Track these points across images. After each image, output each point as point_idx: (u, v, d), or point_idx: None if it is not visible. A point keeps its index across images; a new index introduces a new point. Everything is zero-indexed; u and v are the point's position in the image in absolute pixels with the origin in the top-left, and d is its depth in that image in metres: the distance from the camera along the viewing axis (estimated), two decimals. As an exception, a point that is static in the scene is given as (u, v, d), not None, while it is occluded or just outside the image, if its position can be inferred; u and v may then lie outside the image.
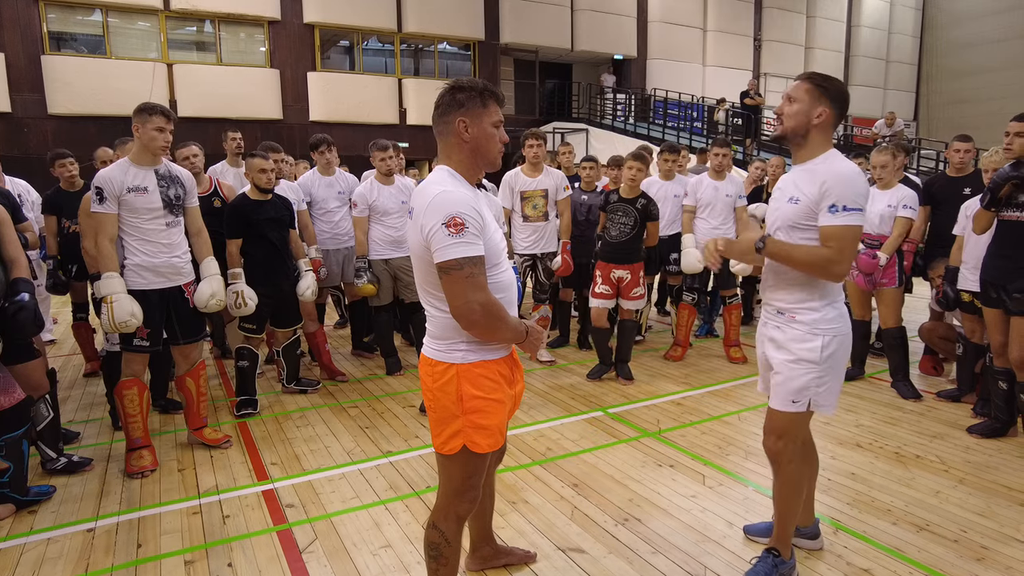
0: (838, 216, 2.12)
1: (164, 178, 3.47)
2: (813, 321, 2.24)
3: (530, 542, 2.74)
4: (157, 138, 3.36)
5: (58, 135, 11.84)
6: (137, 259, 3.42)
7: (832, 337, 2.24)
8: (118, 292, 3.27)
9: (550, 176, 5.20)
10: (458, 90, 1.93)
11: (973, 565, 2.55)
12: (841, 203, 2.11)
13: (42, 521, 2.95)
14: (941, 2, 24.30)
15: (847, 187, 2.12)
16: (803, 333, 2.25)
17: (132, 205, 3.35)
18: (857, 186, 2.14)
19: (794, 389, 2.27)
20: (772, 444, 2.38)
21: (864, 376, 4.97)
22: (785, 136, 2.28)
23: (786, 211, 2.28)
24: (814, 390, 2.26)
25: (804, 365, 2.25)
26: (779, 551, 2.41)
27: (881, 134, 15.28)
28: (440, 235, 1.79)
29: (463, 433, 1.93)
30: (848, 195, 2.12)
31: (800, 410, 2.29)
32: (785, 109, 2.26)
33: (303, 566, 2.58)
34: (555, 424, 4.10)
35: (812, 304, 2.25)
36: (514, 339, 1.97)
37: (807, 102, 2.22)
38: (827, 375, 2.26)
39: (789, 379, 2.28)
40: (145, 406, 3.50)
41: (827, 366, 2.25)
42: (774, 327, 2.37)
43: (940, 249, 4.60)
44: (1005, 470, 3.40)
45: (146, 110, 3.34)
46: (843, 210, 2.12)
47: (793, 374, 2.27)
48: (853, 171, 2.17)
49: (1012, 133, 3.47)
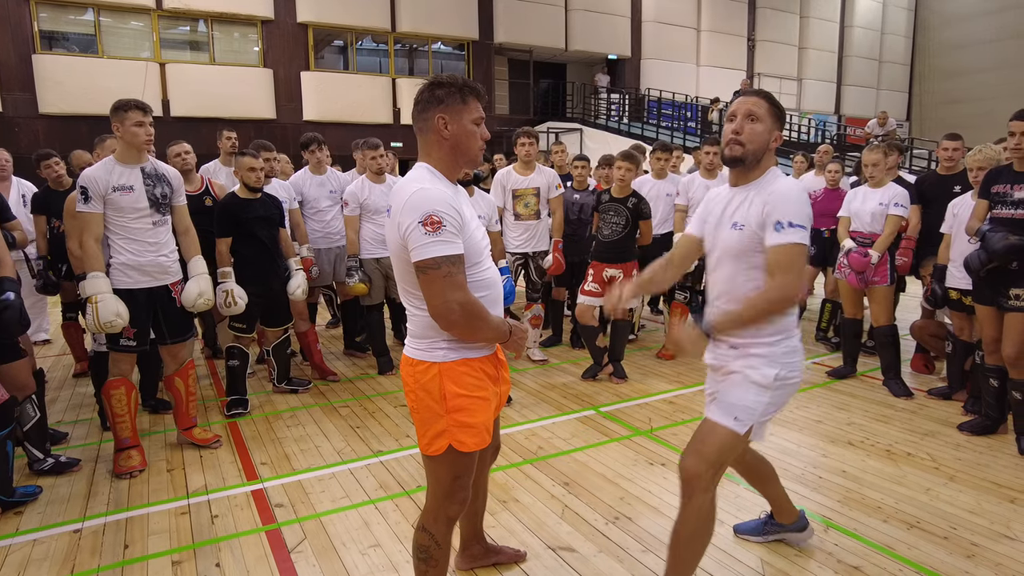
0: (785, 233, 1.93)
1: (150, 176, 3.43)
2: (770, 354, 2.06)
3: (520, 541, 2.72)
4: (138, 133, 3.30)
5: (49, 135, 11.78)
6: (123, 258, 3.38)
7: (787, 370, 2.06)
8: (103, 292, 3.23)
9: (542, 174, 5.19)
10: (437, 86, 1.90)
11: (963, 562, 2.55)
12: (787, 219, 1.93)
13: (28, 522, 2.92)
14: (933, 3, 24.43)
15: (791, 203, 1.95)
16: (759, 362, 2.06)
17: (118, 204, 3.31)
18: (803, 204, 1.97)
19: (741, 406, 2.06)
20: (693, 465, 2.07)
21: (856, 374, 4.98)
22: (742, 159, 2.05)
23: (730, 239, 2.08)
24: (759, 416, 2.06)
25: (755, 387, 2.05)
26: None
27: (874, 134, 15.35)
28: (417, 234, 1.77)
29: (448, 433, 1.91)
30: (793, 211, 1.94)
31: (739, 431, 2.06)
32: (746, 128, 2.04)
33: (291, 566, 2.57)
34: (547, 423, 4.09)
35: (769, 339, 2.06)
36: (497, 338, 1.94)
37: (769, 123, 2.06)
38: (774, 404, 2.08)
39: (738, 396, 2.07)
40: (133, 406, 3.47)
41: (777, 395, 2.07)
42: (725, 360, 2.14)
43: (930, 247, 4.60)
44: (995, 467, 3.40)
45: (121, 107, 3.29)
46: (789, 226, 1.93)
47: (742, 392, 2.07)
48: (799, 189, 2.03)
49: (1018, 133, 3.38)
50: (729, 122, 2.11)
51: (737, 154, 2.05)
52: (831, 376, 4.97)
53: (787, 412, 4.24)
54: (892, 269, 4.56)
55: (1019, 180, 3.48)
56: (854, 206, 4.66)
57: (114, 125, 3.32)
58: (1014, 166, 3.53)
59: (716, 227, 2.17)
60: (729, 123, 2.10)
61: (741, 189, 2.12)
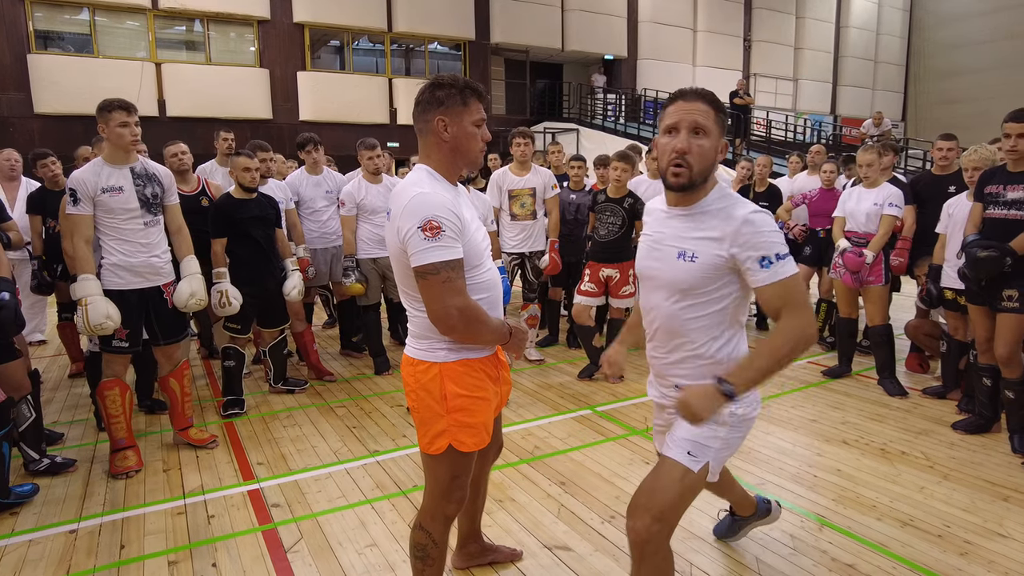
0: (777, 268, 1.70)
1: (140, 176, 3.39)
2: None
3: (516, 540, 2.73)
4: (124, 134, 3.25)
5: (45, 135, 11.74)
6: (114, 258, 3.35)
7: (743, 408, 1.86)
8: (93, 294, 3.20)
9: (538, 175, 5.20)
10: (438, 87, 1.89)
11: (956, 560, 2.57)
12: (772, 252, 1.71)
13: (24, 522, 2.92)
14: (928, 3, 24.52)
15: (766, 235, 1.72)
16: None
17: (108, 206, 3.27)
18: (776, 228, 1.75)
19: (692, 441, 1.83)
20: (644, 528, 1.77)
21: (851, 373, 5.00)
22: (693, 185, 1.77)
23: (677, 271, 1.81)
24: (714, 452, 1.84)
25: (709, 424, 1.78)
26: None
27: (869, 134, 15.40)
28: (416, 239, 1.76)
29: (448, 432, 1.92)
30: (772, 241, 1.71)
31: (693, 468, 1.81)
32: (692, 146, 1.73)
33: (288, 565, 2.57)
34: (543, 422, 4.10)
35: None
36: (497, 341, 1.95)
37: (716, 134, 1.76)
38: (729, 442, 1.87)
39: (691, 430, 1.82)
40: (128, 406, 3.46)
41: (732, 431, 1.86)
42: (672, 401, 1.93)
43: (925, 247, 4.62)
44: (989, 466, 3.42)
45: (105, 108, 3.24)
46: (778, 259, 1.71)
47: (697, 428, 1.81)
48: (767, 214, 1.77)
49: (1014, 135, 3.38)
50: (668, 135, 1.78)
51: (684, 181, 1.76)
52: (826, 375, 4.99)
53: (782, 411, 4.26)
54: (887, 269, 4.58)
55: (1012, 181, 3.50)
56: (849, 206, 4.68)
57: (99, 126, 3.27)
58: (1008, 167, 3.55)
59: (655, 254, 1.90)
60: (668, 136, 1.78)
61: (685, 212, 1.84)
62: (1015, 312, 3.45)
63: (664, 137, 1.80)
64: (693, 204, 1.83)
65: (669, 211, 1.91)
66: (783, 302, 1.72)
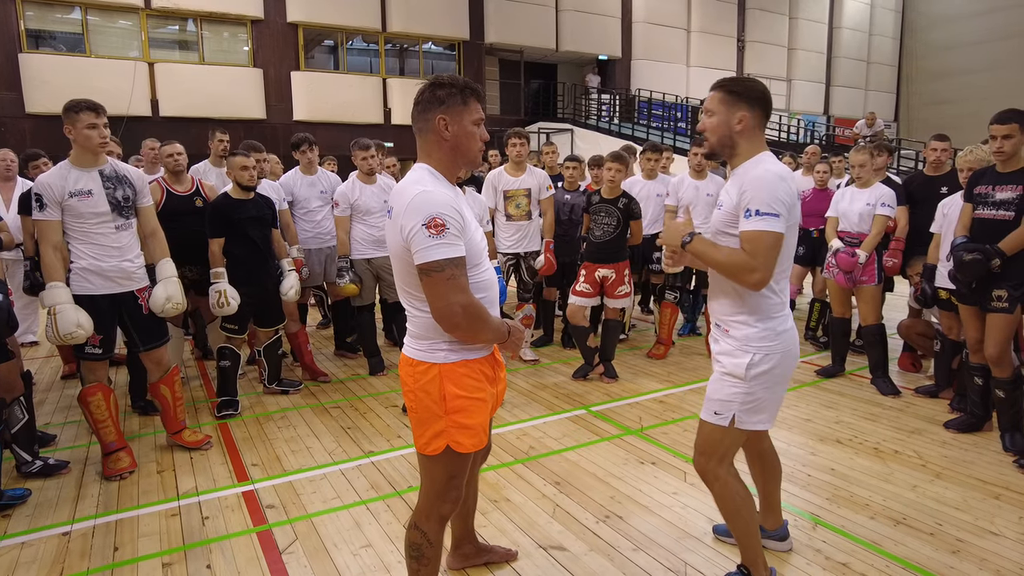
0: (751, 220, 2.02)
1: (110, 179, 3.27)
2: (744, 337, 2.14)
3: (511, 540, 2.73)
4: (92, 136, 3.14)
5: (36, 134, 11.67)
6: (84, 262, 3.23)
7: (764, 355, 2.11)
8: (62, 302, 3.08)
9: (533, 175, 5.21)
10: (438, 87, 1.89)
11: (949, 558, 2.58)
12: (754, 207, 2.01)
13: (16, 525, 2.90)
14: (920, 5, 24.66)
15: (762, 191, 2.01)
16: (733, 348, 2.16)
17: (77, 210, 3.15)
18: (775, 190, 2.01)
19: (717, 400, 2.19)
20: (697, 463, 2.28)
21: (844, 373, 5.03)
22: (713, 152, 2.22)
23: (715, 217, 2.24)
24: (737, 406, 2.15)
25: (729, 380, 2.16)
26: (749, 570, 2.29)
27: (862, 134, 15.48)
28: (420, 236, 1.76)
29: (446, 433, 1.92)
30: (762, 199, 2.01)
31: (722, 424, 2.18)
32: (706, 123, 2.18)
33: (283, 567, 2.56)
34: (538, 423, 4.10)
35: (743, 319, 2.15)
36: (496, 339, 1.95)
37: (723, 112, 2.13)
38: (755, 393, 2.14)
39: (715, 390, 2.21)
40: (114, 409, 3.42)
41: (755, 384, 2.13)
42: (714, 339, 2.29)
43: (918, 247, 4.65)
44: (981, 464, 3.45)
45: (71, 108, 3.12)
46: (756, 214, 2.01)
47: (718, 386, 2.19)
48: (773, 175, 2.04)
49: (999, 137, 3.42)
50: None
51: (704, 149, 2.29)
52: (820, 375, 5.02)
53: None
54: (880, 269, 4.60)
55: (1001, 181, 3.52)
56: (842, 206, 4.70)
57: (66, 128, 3.14)
58: (997, 167, 3.57)
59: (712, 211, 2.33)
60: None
61: (732, 174, 2.22)
62: (1004, 312, 3.47)
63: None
64: (735, 168, 2.19)
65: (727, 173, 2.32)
66: (745, 244, 2.05)
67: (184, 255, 4.42)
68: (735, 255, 2.06)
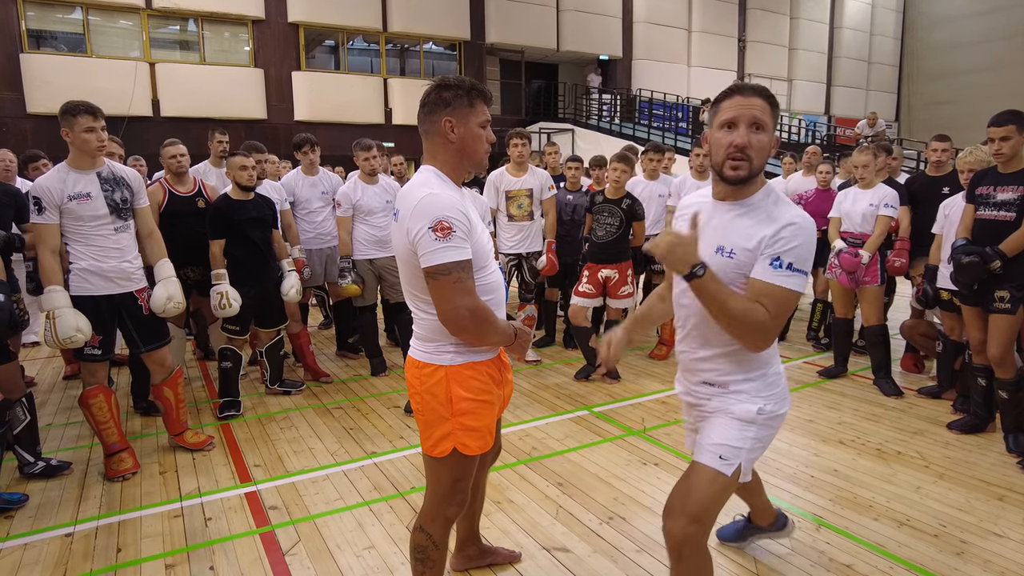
0: (781, 274, 1.67)
1: (108, 181, 3.27)
2: (753, 389, 1.86)
3: (515, 542, 2.73)
4: (89, 140, 3.14)
5: (37, 135, 11.67)
6: (84, 263, 3.23)
7: (774, 402, 1.87)
8: (61, 307, 3.08)
9: (535, 175, 5.20)
10: (444, 88, 1.88)
11: (953, 559, 2.58)
12: (787, 260, 1.67)
13: (19, 526, 2.90)
14: (921, 5, 24.64)
15: (803, 243, 1.69)
16: (739, 400, 1.87)
17: (76, 213, 3.14)
18: (812, 245, 1.72)
19: (724, 444, 1.84)
20: (680, 529, 1.80)
21: (847, 373, 5.02)
22: (751, 178, 1.74)
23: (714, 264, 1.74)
24: (746, 453, 1.84)
25: (737, 423, 1.85)
26: None
27: (863, 134, 15.47)
28: (427, 239, 1.75)
29: (453, 436, 1.91)
30: (800, 254, 1.68)
31: (726, 472, 1.82)
32: (753, 141, 1.70)
33: (286, 568, 2.56)
34: (540, 423, 4.10)
35: (751, 374, 1.86)
36: (503, 342, 1.94)
37: (771, 128, 1.74)
38: (763, 440, 1.88)
39: (720, 434, 1.86)
40: (115, 410, 3.42)
41: (764, 429, 1.87)
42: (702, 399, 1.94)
43: (920, 248, 4.65)
44: (984, 465, 3.44)
45: (70, 111, 3.11)
46: (789, 269, 1.67)
47: (725, 430, 1.86)
48: (812, 224, 1.73)
49: (997, 139, 3.43)
50: (726, 129, 1.74)
51: (742, 175, 1.72)
52: (822, 376, 5.01)
53: (779, 412, 4.26)
54: (882, 269, 4.60)
55: (1002, 182, 3.52)
56: (844, 207, 4.70)
57: (63, 130, 3.12)
58: (998, 168, 3.57)
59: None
60: (726, 131, 1.74)
61: (730, 206, 1.80)
62: (1006, 313, 3.47)
63: (719, 132, 1.75)
64: (742, 199, 1.78)
65: (714, 204, 1.84)
66: (766, 299, 1.69)
67: (186, 256, 4.43)
68: (754, 311, 1.68)
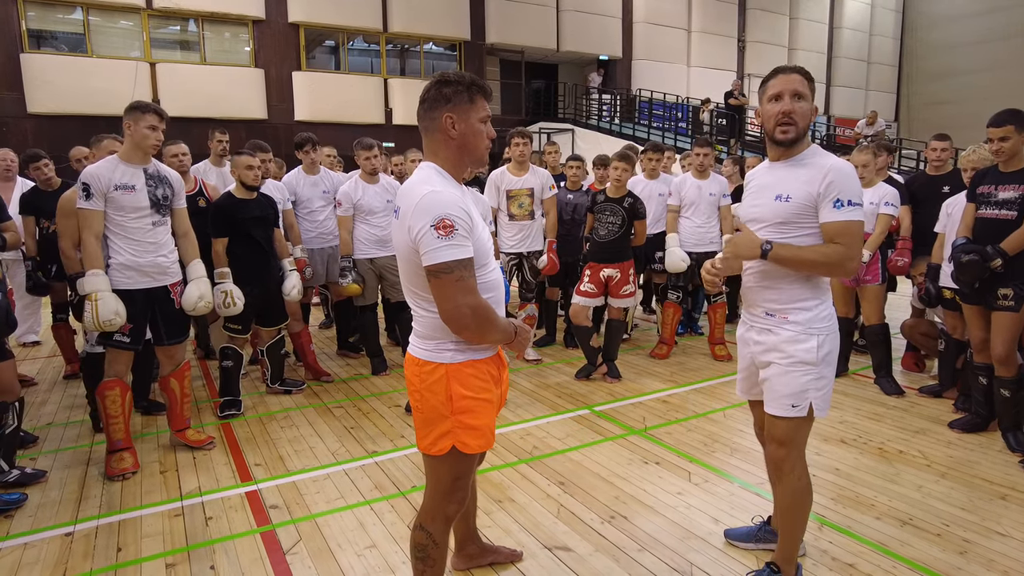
0: (844, 211, 2.06)
1: (152, 177, 3.44)
2: (807, 320, 2.15)
3: (516, 541, 2.72)
4: (149, 136, 3.34)
5: (38, 134, 11.68)
6: (122, 258, 3.36)
7: (827, 336, 2.16)
8: (102, 290, 3.22)
9: (536, 175, 5.20)
10: (445, 84, 1.87)
11: (956, 558, 2.57)
12: (846, 198, 2.06)
13: (19, 526, 2.89)
14: (920, 5, 24.64)
15: (851, 182, 2.08)
16: (797, 333, 2.15)
17: (119, 203, 3.31)
18: (857, 183, 2.10)
19: (793, 393, 2.16)
20: (774, 452, 2.25)
21: (848, 373, 5.01)
22: (798, 139, 2.15)
23: (774, 209, 2.17)
24: (813, 393, 2.16)
25: (801, 367, 2.15)
26: (779, 567, 2.29)
27: (863, 134, 15.46)
28: (429, 237, 1.74)
29: (452, 434, 1.90)
30: (852, 189, 2.07)
31: (800, 415, 2.17)
32: (796, 108, 2.11)
33: (287, 567, 2.55)
34: (541, 422, 4.09)
35: (806, 303, 2.17)
36: (504, 340, 1.94)
37: (810, 98, 2.14)
38: (825, 376, 2.17)
39: (787, 383, 2.17)
40: (127, 407, 3.44)
41: (824, 366, 2.16)
42: (762, 330, 2.25)
43: (921, 247, 4.64)
44: (986, 464, 3.43)
45: (139, 108, 3.33)
46: (848, 204, 2.06)
47: (787, 379, 2.16)
48: (851, 167, 2.12)
49: (996, 139, 3.44)
50: (773, 102, 2.14)
51: (791, 136, 2.13)
52: (823, 375, 4.99)
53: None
54: (883, 268, 4.59)
55: (1003, 181, 3.52)
56: (845, 206, 4.69)
57: (126, 123, 3.32)
58: (999, 167, 3.57)
59: (757, 200, 2.25)
60: (773, 103, 2.14)
61: (783, 164, 2.19)
62: (1010, 311, 3.46)
63: (769, 104, 2.16)
64: (792, 157, 2.18)
65: (772, 165, 2.24)
66: (840, 237, 2.07)
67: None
68: (830, 250, 2.08)
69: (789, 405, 2.16)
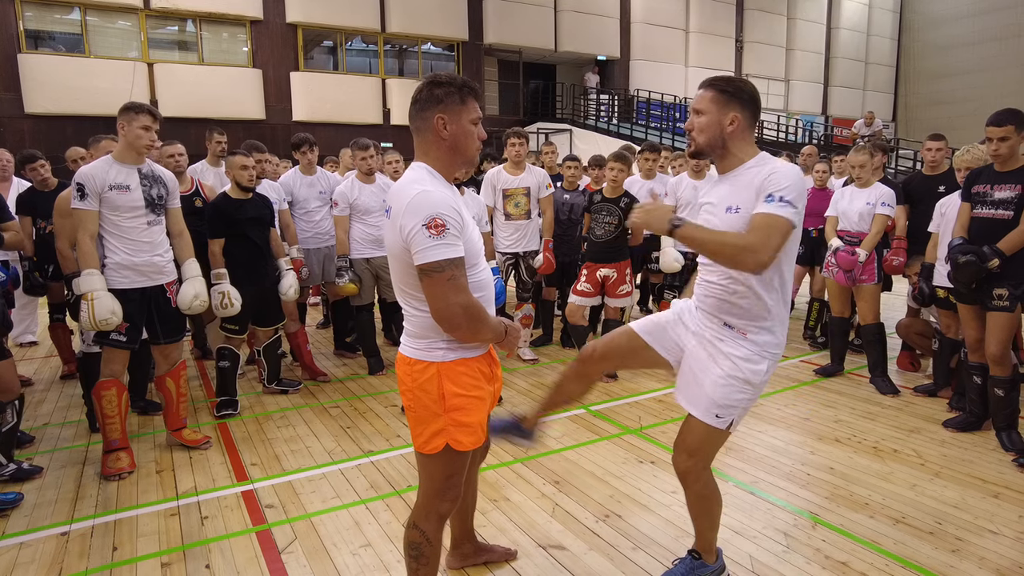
0: (772, 205, 1.94)
1: (147, 177, 3.45)
2: (764, 343, 2.10)
3: (511, 539, 2.73)
4: (143, 136, 3.35)
5: (35, 135, 11.68)
6: (118, 258, 3.37)
7: (774, 361, 2.13)
8: (98, 289, 3.23)
9: (532, 174, 5.21)
10: (436, 85, 1.88)
11: (948, 556, 2.59)
12: (779, 194, 1.94)
13: (14, 525, 2.89)
14: (918, 5, 24.70)
15: (789, 181, 1.96)
16: (752, 353, 2.09)
17: (114, 203, 3.32)
18: (800, 185, 1.98)
19: (723, 404, 2.10)
20: (683, 462, 2.23)
21: (843, 372, 5.03)
22: (700, 152, 2.15)
23: (727, 221, 2.07)
24: (740, 411, 2.13)
25: (741, 384, 2.09)
26: (700, 554, 2.35)
27: (860, 134, 15.49)
28: (420, 236, 1.76)
29: (445, 432, 1.91)
30: (788, 187, 1.94)
31: (720, 427, 2.13)
32: (694, 123, 2.11)
33: (282, 567, 2.56)
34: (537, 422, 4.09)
35: (768, 324, 2.10)
36: (494, 339, 1.95)
37: (715, 112, 2.07)
38: (754, 398, 2.15)
39: (722, 393, 2.10)
40: (124, 407, 3.45)
41: (759, 388, 2.13)
42: (714, 336, 2.16)
43: (916, 247, 4.66)
44: (979, 463, 3.45)
45: (132, 108, 3.33)
46: (780, 200, 1.93)
47: (726, 390, 2.09)
48: (798, 172, 2.02)
49: (995, 139, 3.43)
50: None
51: (691, 149, 2.18)
52: (818, 374, 5.02)
53: (775, 410, 4.28)
54: (879, 268, 4.60)
55: (999, 180, 3.53)
56: (841, 206, 4.71)
57: (120, 123, 3.33)
58: (995, 167, 3.58)
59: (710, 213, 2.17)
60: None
61: (729, 176, 2.14)
62: (1005, 311, 3.47)
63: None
64: (734, 169, 2.12)
65: (720, 178, 2.20)
66: (756, 228, 1.95)
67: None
68: (737, 239, 1.95)
69: (714, 414, 2.11)
